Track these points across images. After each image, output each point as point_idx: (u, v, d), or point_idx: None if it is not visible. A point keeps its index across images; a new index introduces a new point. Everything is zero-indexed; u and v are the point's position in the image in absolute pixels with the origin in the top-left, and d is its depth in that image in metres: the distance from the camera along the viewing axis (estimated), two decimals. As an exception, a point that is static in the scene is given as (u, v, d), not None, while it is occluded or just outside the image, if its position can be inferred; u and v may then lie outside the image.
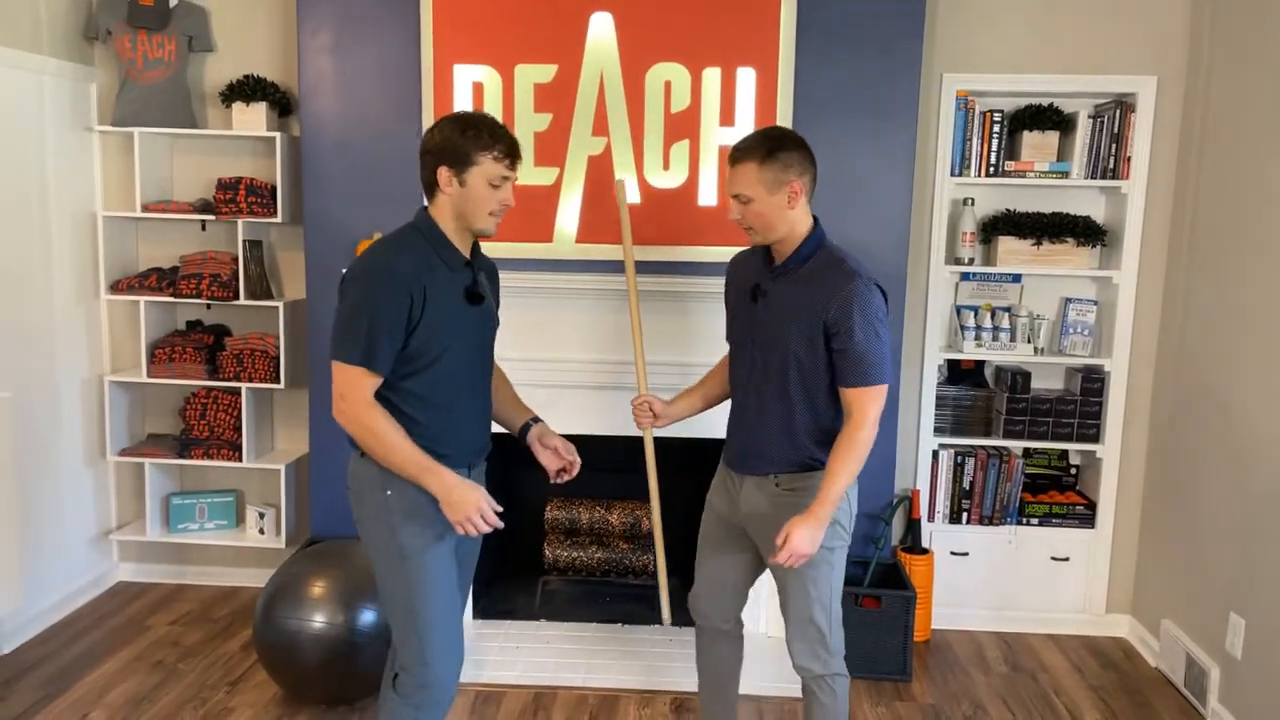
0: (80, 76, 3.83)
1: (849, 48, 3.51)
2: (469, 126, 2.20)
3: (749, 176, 2.33)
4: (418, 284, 2.17)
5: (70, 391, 3.84)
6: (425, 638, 2.28)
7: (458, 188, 2.22)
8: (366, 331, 2.13)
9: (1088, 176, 3.70)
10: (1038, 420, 3.80)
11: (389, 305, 2.14)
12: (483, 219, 2.25)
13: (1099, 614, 3.89)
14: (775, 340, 2.38)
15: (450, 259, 2.26)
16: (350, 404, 2.17)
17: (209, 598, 4.04)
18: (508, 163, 2.22)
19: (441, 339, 2.22)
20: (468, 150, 2.19)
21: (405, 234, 2.28)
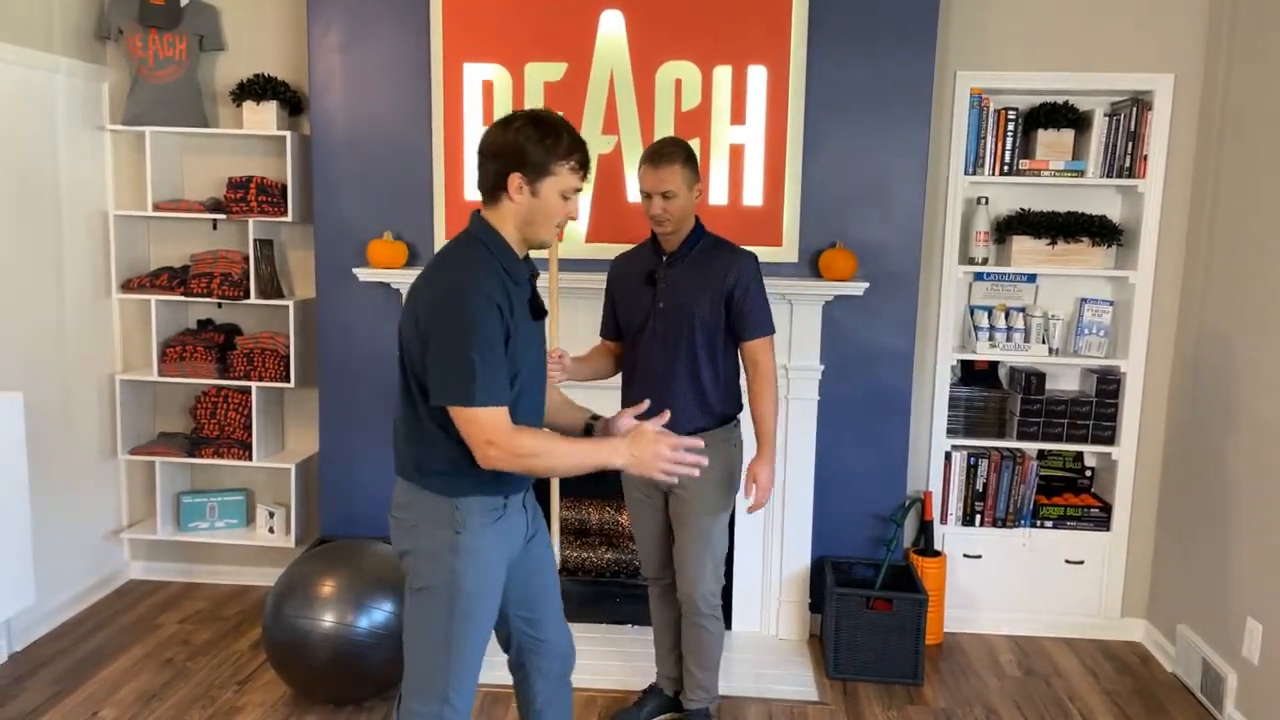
0: (92, 76, 3.84)
1: (862, 45, 3.49)
2: (549, 133, 2.01)
3: (675, 176, 2.67)
4: (505, 301, 2.01)
5: (81, 390, 3.85)
6: (455, 676, 2.15)
7: (528, 197, 2.04)
8: (484, 372, 1.95)
9: (1103, 175, 3.65)
10: (1052, 422, 3.76)
11: (494, 336, 1.97)
12: (548, 230, 2.09)
13: (1114, 618, 3.85)
14: (679, 310, 2.74)
15: (514, 270, 2.08)
16: (501, 446, 1.96)
17: (219, 596, 4.05)
18: (582, 174, 2.07)
19: (518, 359, 2.06)
20: (545, 159, 2.01)
21: (471, 248, 2.06)
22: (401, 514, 2.18)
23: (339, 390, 3.77)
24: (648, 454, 2.03)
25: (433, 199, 3.63)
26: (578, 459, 2.05)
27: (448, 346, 1.96)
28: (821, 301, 3.57)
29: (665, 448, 2.04)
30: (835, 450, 3.68)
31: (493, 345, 1.97)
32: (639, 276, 2.82)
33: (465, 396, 1.95)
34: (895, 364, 3.63)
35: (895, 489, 3.70)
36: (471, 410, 1.96)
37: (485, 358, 1.95)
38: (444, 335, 1.96)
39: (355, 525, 3.81)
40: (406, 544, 2.15)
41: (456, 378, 1.95)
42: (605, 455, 2.04)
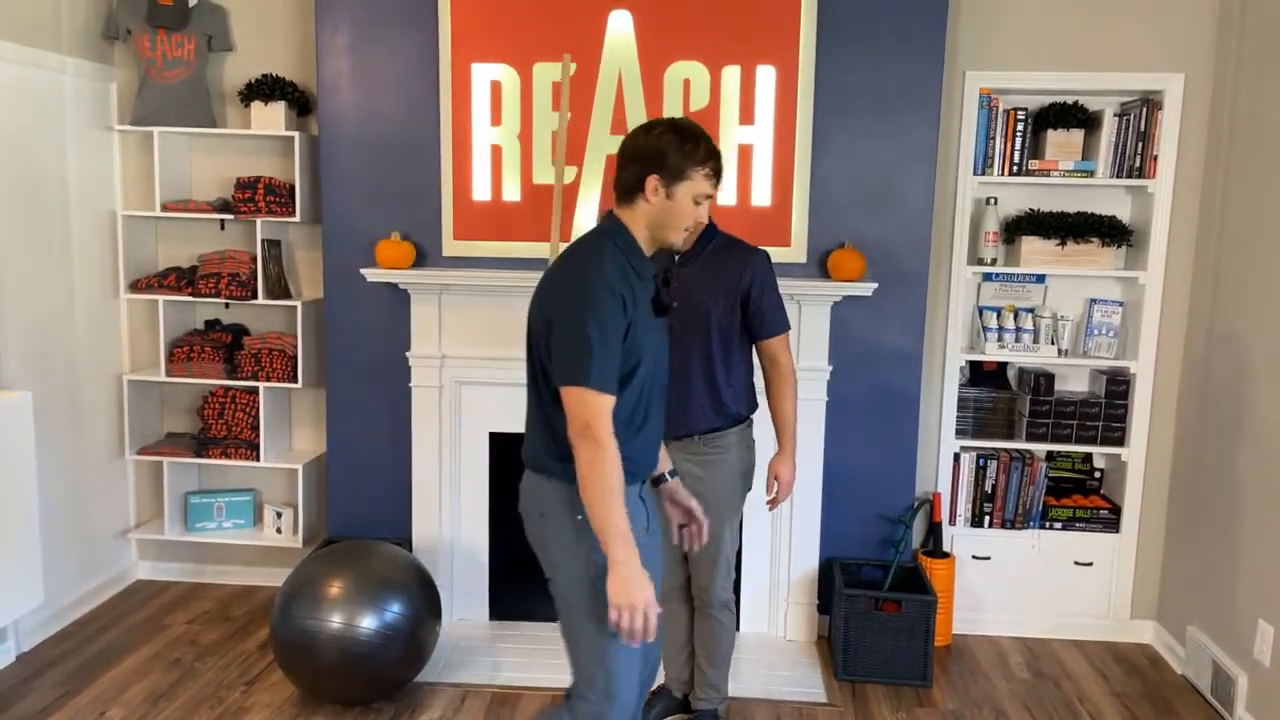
0: (100, 76, 3.84)
1: (870, 45, 3.48)
2: (688, 139, 2.11)
3: None
4: (630, 295, 2.07)
5: (89, 390, 3.85)
6: (614, 671, 2.16)
7: (663, 199, 2.12)
8: (600, 353, 2.00)
9: (1113, 176, 3.64)
10: (1061, 423, 3.74)
11: (613, 322, 2.03)
12: (677, 233, 2.16)
13: (1123, 619, 3.83)
14: (695, 310, 2.72)
15: (641, 267, 2.15)
16: (599, 432, 1.99)
17: (227, 596, 4.05)
18: (714, 181, 2.16)
19: (639, 352, 2.11)
20: (683, 164, 2.10)
21: (602, 242, 2.13)
22: (531, 505, 2.21)
23: (347, 391, 3.77)
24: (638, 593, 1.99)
25: (440, 199, 3.63)
26: (609, 515, 1.99)
27: (572, 330, 2.02)
28: (830, 302, 3.56)
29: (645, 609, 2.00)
30: (843, 451, 3.67)
31: (611, 332, 2.02)
32: (654, 278, 2.81)
33: (579, 376, 2.00)
34: (904, 365, 3.62)
35: (904, 490, 3.69)
36: (581, 391, 2.00)
37: (603, 343, 2.00)
38: (566, 318, 2.03)
39: (363, 525, 3.81)
40: (540, 536, 2.19)
41: (573, 358, 2.01)
42: (621, 546, 1.99)
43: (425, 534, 3.76)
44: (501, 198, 3.61)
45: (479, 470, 3.76)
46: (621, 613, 1.99)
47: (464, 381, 3.70)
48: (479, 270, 3.61)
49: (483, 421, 3.73)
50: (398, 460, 3.77)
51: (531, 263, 3.59)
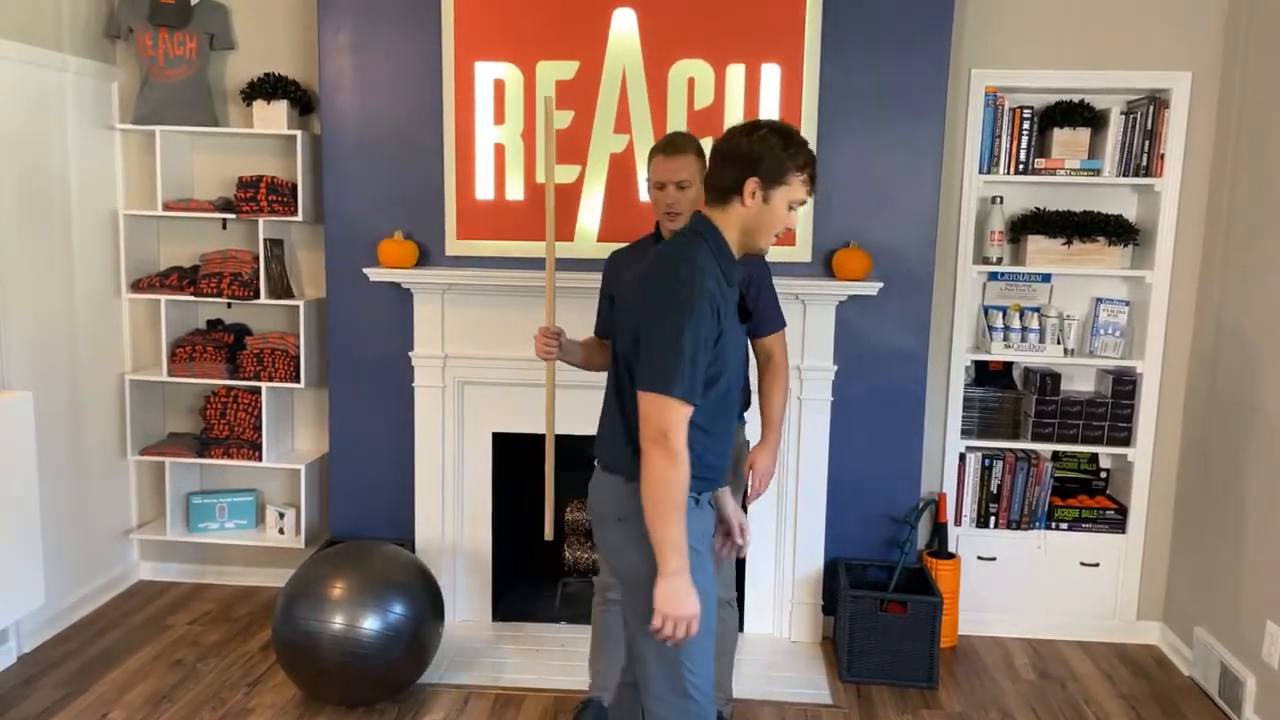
0: (102, 75, 3.83)
1: (876, 43, 3.46)
2: (791, 143, 2.05)
3: (690, 165, 2.64)
4: (721, 301, 2.04)
5: (91, 390, 3.83)
6: (692, 669, 2.13)
7: (759, 203, 2.06)
8: (688, 361, 1.97)
9: (1120, 174, 3.62)
10: (1067, 423, 3.72)
11: (706, 331, 1.99)
12: (768, 238, 2.11)
13: (1129, 620, 3.81)
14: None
15: (731, 273, 2.11)
16: (675, 442, 1.97)
17: (228, 597, 4.03)
18: (810, 188, 2.11)
19: (725, 357, 2.08)
20: (784, 168, 2.05)
21: (697, 246, 2.08)
22: (607, 508, 2.18)
23: (349, 391, 3.75)
24: (686, 606, 2.00)
25: (444, 198, 3.61)
26: (670, 527, 1.99)
27: (661, 335, 1.99)
28: (835, 301, 3.54)
29: (689, 622, 2.02)
30: (848, 451, 3.65)
31: (703, 341, 2.00)
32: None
33: (665, 384, 1.97)
34: (909, 364, 3.60)
35: (909, 490, 3.67)
36: (665, 399, 1.98)
37: (694, 352, 1.98)
38: (659, 324, 2.00)
39: (365, 526, 3.79)
40: (615, 541, 2.17)
41: (662, 364, 1.98)
42: (676, 557, 1.99)
43: (428, 534, 3.74)
44: (505, 197, 3.59)
45: (482, 470, 3.74)
46: (666, 622, 2.00)
47: (467, 381, 3.68)
48: (482, 270, 3.59)
49: (486, 421, 3.71)
50: (400, 460, 3.75)
51: (535, 262, 3.56)
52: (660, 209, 2.70)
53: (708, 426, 2.11)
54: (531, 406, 3.61)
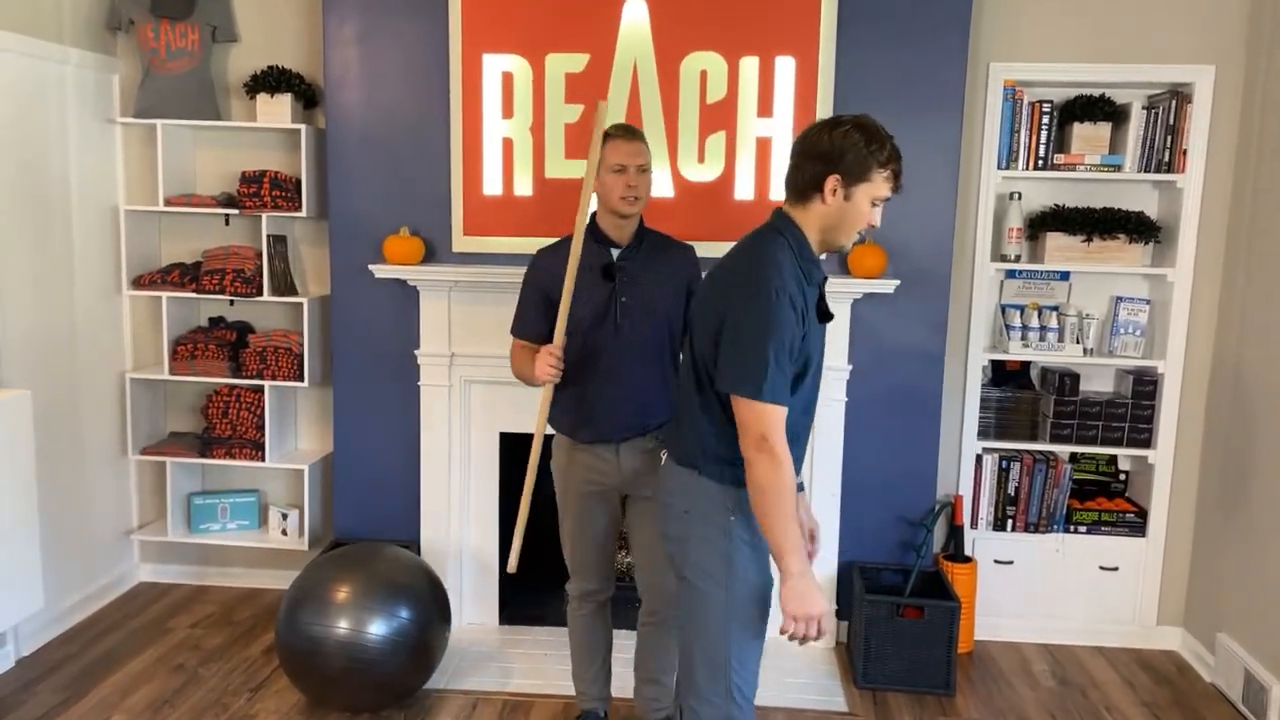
0: (102, 67, 3.76)
1: (893, 36, 3.39)
2: (874, 140, 1.99)
3: (647, 152, 2.63)
4: (802, 301, 1.99)
5: (91, 388, 3.77)
6: (740, 671, 2.11)
7: (840, 201, 2.01)
8: (774, 364, 1.93)
9: (1141, 170, 3.54)
10: (1086, 424, 3.65)
11: (790, 333, 1.95)
12: (849, 236, 2.05)
13: (1149, 626, 3.74)
14: (648, 306, 2.65)
15: (811, 272, 2.05)
16: (776, 445, 1.93)
17: (231, 599, 3.97)
18: (894, 185, 2.04)
19: (808, 360, 2.04)
20: (866, 165, 1.99)
21: (776, 244, 2.03)
22: (674, 499, 2.16)
23: (354, 390, 3.68)
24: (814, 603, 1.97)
25: (450, 194, 3.54)
26: (784, 529, 1.95)
27: (745, 337, 1.95)
28: (850, 300, 3.47)
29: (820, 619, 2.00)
30: (862, 453, 3.57)
31: (788, 345, 1.96)
32: (591, 270, 2.63)
33: (753, 388, 1.94)
34: (925, 364, 3.53)
35: (925, 493, 3.59)
36: (758, 405, 1.94)
37: (780, 355, 1.94)
38: (742, 325, 1.96)
39: (370, 527, 3.72)
40: (678, 531, 2.14)
41: (750, 369, 1.94)
42: (794, 558, 1.96)
43: (434, 536, 3.67)
44: (513, 192, 3.52)
45: (489, 471, 3.67)
46: (798, 624, 1.97)
47: (474, 380, 3.61)
48: (490, 266, 3.52)
49: (493, 421, 3.64)
50: (406, 461, 3.68)
51: (543, 259, 3.49)
52: (618, 193, 2.58)
53: (792, 427, 2.06)
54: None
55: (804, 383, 2.06)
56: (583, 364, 2.66)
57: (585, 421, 2.69)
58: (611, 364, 2.65)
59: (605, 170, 2.60)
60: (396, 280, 3.57)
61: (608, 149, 2.60)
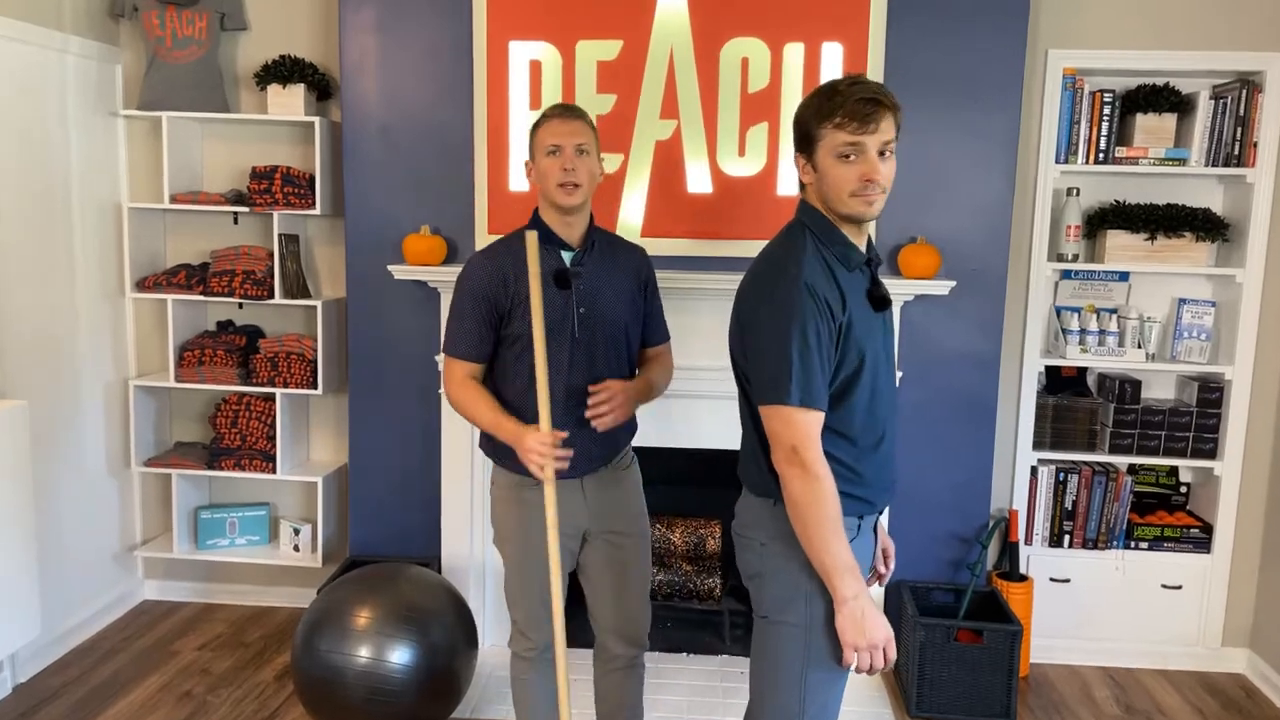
0: (105, 57, 3.56)
1: (946, 20, 3.19)
2: (813, 98, 1.81)
3: (589, 131, 2.30)
4: (833, 291, 1.80)
5: (93, 397, 3.57)
6: None
7: (813, 174, 1.84)
8: (798, 362, 1.75)
9: (1208, 164, 3.33)
10: (1148, 433, 3.44)
11: (814, 326, 1.76)
12: (847, 203, 1.80)
13: (1214, 647, 3.53)
14: (607, 314, 2.33)
15: (847, 257, 1.85)
16: (809, 457, 1.75)
17: (240, 619, 3.76)
18: (854, 126, 1.75)
19: (860, 355, 1.83)
20: (811, 125, 1.81)
21: (794, 234, 1.87)
22: (749, 532, 1.97)
23: (371, 398, 3.48)
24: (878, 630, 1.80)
25: (474, 190, 3.34)
26: (829, 546, 1.76)
27: (765, 338, 1.79)
28: (901, 301, 3.26)
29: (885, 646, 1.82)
30: (912, 464, 3.36)
31: (813, 338, 1.76)
32: (543, 277, 2.24)
33: (779, 393, 1.76)
34: (980, 370, 3.32)
35: (978, 506, 3.38)
36: (784, 410, 1.76)
37: (806, 353, 1.75)
38: (762, 326, 1.80)
39: (387, 544, 3.52)
40: (756, 566, 1.95)
41: (772, 372, 1.78)
42: (850, 580, 1.78)
43: (455, 553, 3.46)
44: (541, 188, 3.31)
45: (514, 484, 3.46)
46: (860, 653, 1.80)
47: (498, 388, 3.40)
48: (516, 267, 3.31)
49: (519, 431, 3.43)
50: (426, 473, 3.47)
51: (573, 259, 3.29)
52: (554, 179, 2.24)
53: (856, 436, 1.86)
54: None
55: (860, 381, 1.84)
56: (555, 376, 2.28)
57: None
58: (572, 385, 2.29)
59: (539, 153, 2.27)
60: (416, 281, 3.37)
61: (542, 129, 2.28)
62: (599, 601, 2.49)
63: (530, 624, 2.43)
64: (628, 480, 2.48)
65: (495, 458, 2.42)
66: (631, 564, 2.47)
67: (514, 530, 2.40)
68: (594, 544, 2.44)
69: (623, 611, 2.48)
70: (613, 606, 2.48)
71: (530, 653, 2.45)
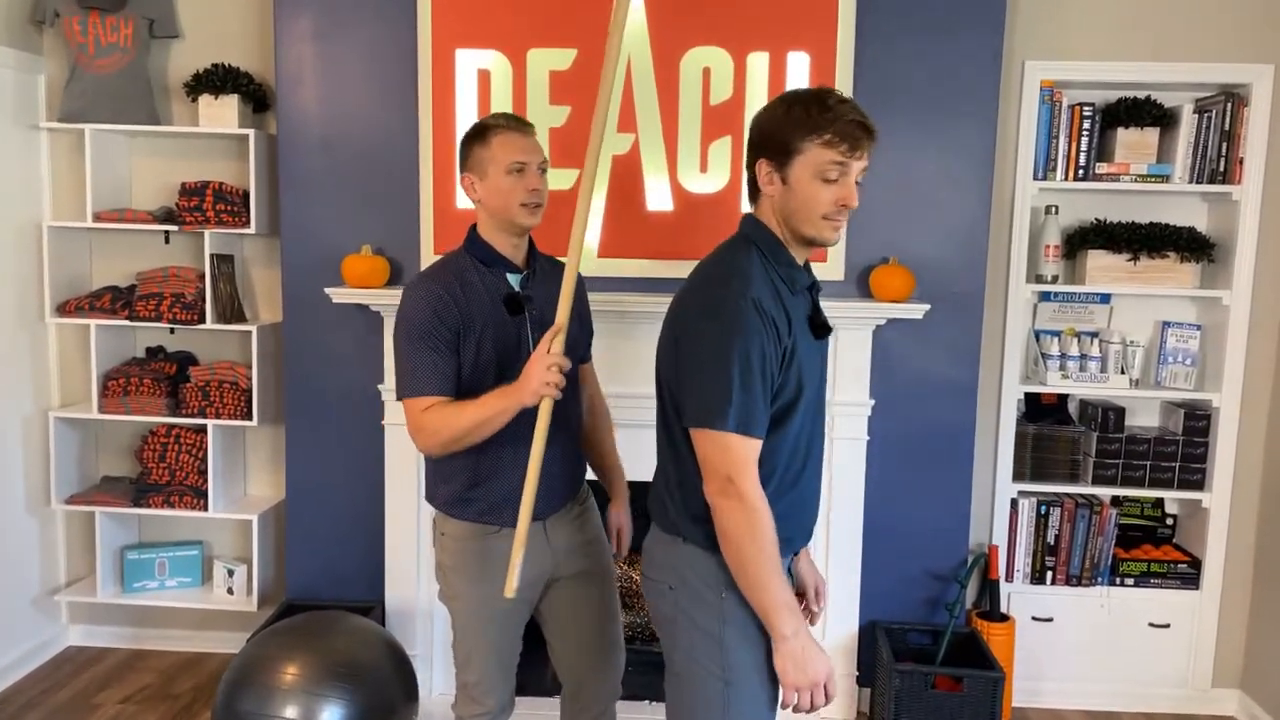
0: (25, 66, 3.33)
1: (917, 29, 3.03)
2: (796, 103, 1.68)
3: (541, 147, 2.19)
4: (780, 312, 1.68)
5: (10, 429, 3.33)
6: None
7: (780, 185, 1.71)
8: (739, 385, 1.62)
9: (1192, 181, 3.19)
10: (1133, 464, 3.27)
11: (759, 348, 1.64)
12: (815, 226, 1.71)
13: (1203, 689, 3.35)
14: (567, 339, 2.07)
15: (792, 278, 1.75)
16: (746, 487, 1.63)
17: (169, 666, 3.50)
18: (846, 147, 1.66)
19: (800, 383, 1.72)
20: (790, 135, 1.67)
21: (738, 249, 1.75)
22: (657, 574, 1.84)
23: (309, 429, 3.25)
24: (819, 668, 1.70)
25: (419, 207, 3.13)
26: (766, 583, 1.65)
27: (704, 357, 1.65)
28: (872, 326, 3.08)
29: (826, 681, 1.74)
30: (886, 497, 3.17)
31: (756, 360, 1.64)
32: (492, 303, 2.11)
33: (716, 417, 1.64)
34: (956, 397, 3.15)
35: (955, 542, 3.20)
36: (720, 435, 1.64)
37: (748, 375, 1.63)
38: (700, 343, 1.67)
39: (327, 586, 3.29)
40: (665, 611, 1.82)
41: (709, 394, 1.64)
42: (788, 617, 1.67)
43: (401, 594, 3.23)
44: (490, 205, 3.11)
45: (463, 521, 3.24)
46: (801, 694, 1.69)
47: (446, 419, 3.19)
48: (464, 290, 3.11)
49: (468, 465, 3.21)
50: (369, 510, 3.25)
51: (525, 281, 3.09)
52: (518, 199, 2.09)
53: (778, 470, 1.71)
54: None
55: (796, 410, 1.72)
56: None
57: (507, 498, 2.11)
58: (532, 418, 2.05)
59: (497, 171, 2.10)
60: (357, 305, 3.15)
61: (495, 144, 2.10)
62: (569, 649, 2.32)
63: (485, 687, 2.24)
64: (589, 515, 2.34)
65: (447, 509, 2.19)
66: (603, 604, 2.33)
67: (471, 583, 2.18)
68: (560, 588, 2.27)
69: (597, 657, 2.33)
70: (586, 653, 2.32)
71: (490, 712, 2.26)
